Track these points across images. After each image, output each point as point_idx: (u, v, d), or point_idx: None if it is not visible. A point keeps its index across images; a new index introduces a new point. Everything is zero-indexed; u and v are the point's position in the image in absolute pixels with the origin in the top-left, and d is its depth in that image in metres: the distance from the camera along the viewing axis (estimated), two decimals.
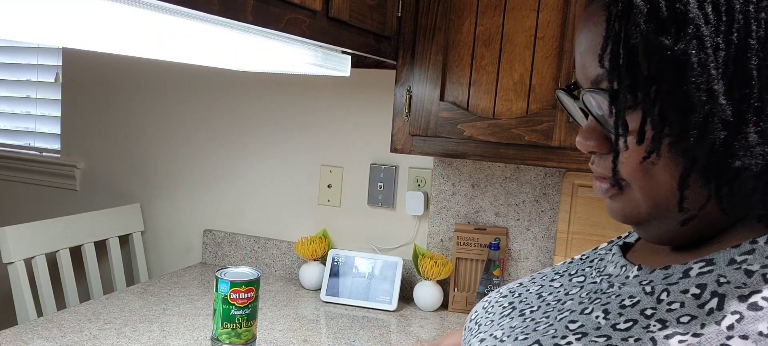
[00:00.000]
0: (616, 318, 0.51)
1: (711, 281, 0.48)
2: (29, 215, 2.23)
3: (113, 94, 2.16)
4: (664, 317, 0.48)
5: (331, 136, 1.90)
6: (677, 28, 0.45)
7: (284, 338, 1.45)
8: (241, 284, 1.12)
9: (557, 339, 0.53)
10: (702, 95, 0.45)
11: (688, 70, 0.45)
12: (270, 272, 1.97)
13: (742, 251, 0.48)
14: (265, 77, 1.94)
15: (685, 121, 0.46)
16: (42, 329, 1.41)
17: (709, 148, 0.46)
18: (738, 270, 0.47)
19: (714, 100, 0.45)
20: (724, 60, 0.45)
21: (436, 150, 1.45)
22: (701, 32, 0.44)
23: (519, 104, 1.37)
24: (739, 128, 0.45)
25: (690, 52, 0.45)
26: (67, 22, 0.77)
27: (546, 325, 0.56)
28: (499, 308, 0.66)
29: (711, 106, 0.45)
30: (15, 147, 2.37)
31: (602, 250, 0.68)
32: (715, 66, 0.44)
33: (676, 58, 0.45)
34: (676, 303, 0.48)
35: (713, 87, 0.45)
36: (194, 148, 2.06)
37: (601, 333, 0.50)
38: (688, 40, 0.45)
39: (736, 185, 0.47)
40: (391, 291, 1.70)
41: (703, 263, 0.50)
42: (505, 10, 1.37)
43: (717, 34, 0.45)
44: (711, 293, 0.47)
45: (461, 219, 1.76)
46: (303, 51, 1.17)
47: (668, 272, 0.52)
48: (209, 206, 2.06)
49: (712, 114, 0.45)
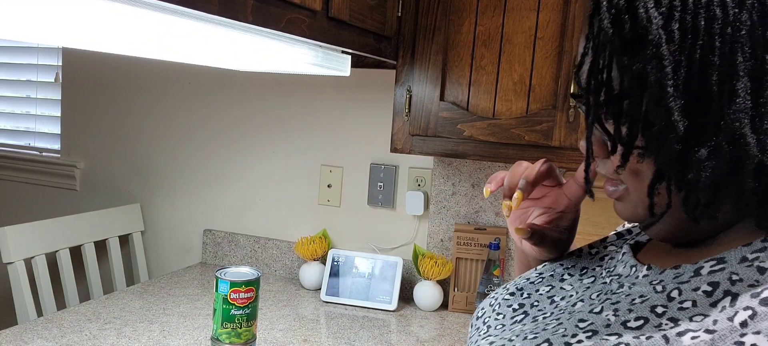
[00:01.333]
0: (626, 315, 0.51)
1: (723, 279, 0.48)
2: (29, 215, 2.23)
3: (113, 94, 2.16)
4: (676, 316, 0.48)
5: (331, 136, 1.90)
6: (637, 48, 0.48)
7: (284, 338, 1.45)
8: (241, 284, 1.12)
9: (567, 338, 0.53)
10: (659, 111, 0.47)
11: (647, 88, 0.48)
12: (270, 272, 1.97)
13: (753, 249, 0.49)
14: (265, 77, 1.94)
15: (647, 133, 0.49)
16: (42, 329, 1.41)
17: (667, 160, 0.49)
18: (750, 268, 0.48)
19: (669, 116, 0.47)
20: (684, 77, 0.47)
21: (436, 150, 1.45)
22: (660, 52, 0.47)
23: (519, 104, 1.37)
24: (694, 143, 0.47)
25: (647, 71, 0.47)
26: (67, 22, 0.77)
27: (556, 324, 0.57)
28: (510, 310, 0.66)
29: (666, 122, 0.47)
30: (15, 147, 2.37)
31: (612, 246, 0.69)
32: (674, 84, 0.47)
33: (636, 77, 0.48)
34: (688, 302, 0.49)
35: (669, 104, 0.47)
36: (194, 148, 2.06)
37: (611, 331, 0.51)
38: (647, 60, 0.47)
39: (697, 196, 0.49)
40: (391, 291, 1.70)
41: (714, 261, 0.50)
42: (505, 10, 1.37)
43: (681, 52, 0.46)
44: (724, 292, 0.48)
45: (461, 219, 1.76)
46: (303, 51, 1.17)
47: (679, 272, 0.52)
48: (209, 206, 2.06)
49: (668, 130, 0.47)
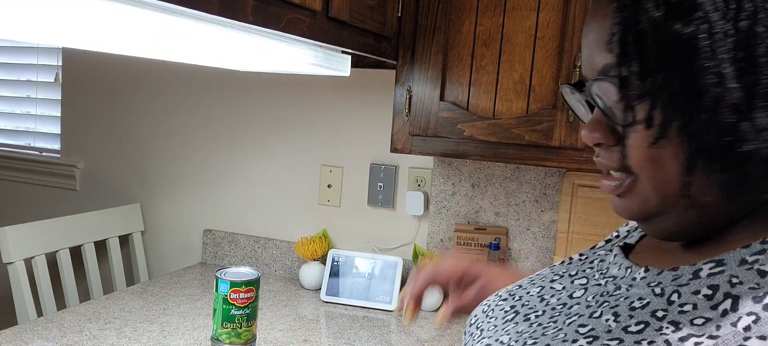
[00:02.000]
0: (626, 320, 0.51)
1: (723, 281, 0.48)
2: (29, 215, 2.22)
3: (113, 94, 2.16)
4: (677, 319, 0.48)
5: (331, 136, 1.90)
6: (687, 13, 0.46)
7: (284, 338, 1.45)
8: (241, 284, 1.12)
9: (568, 343, 0.52)
10: (712, 79, 0.45)
11: (698, 54, 0.45)
12: (270, 272, 1.97)
13: (752, 251, 0.48)
14: (265, 77, 1.94)
15: (694, 105, 0.46)
16: (42, 329, 1.41)
17: (717, 132, 0.46)
18: (750, 270, 0.47)
19: (723, 83, 0.45)
20: (733, 45, 0.45)
21: (436, 150, 1.45)
22: (710, 17, 0.45)
23: (519, 104, 1.37)
24: (749, 113, 0.45)
25: (699, 36, 0.45)
26: (67, 22, 0.77)
27: (555, 329, 0.56)
28: (501, 312, 0.66)
29: (720, 90, 0.45)
30: (15, 147, 2.37)
31: (601, 250, 0.68)
32: (725, 50, 0.45)
33: (685, 43, 0.46)
34: (689, 305, 0.48)
35: (723, 71, 0.45)
36: (194, 148, 2.06)
37: (612, 336, 0.50)
38: (697, 24, 0.45)
39: (744, 171, 0.47)
40: (391, 291, 1.70)
41: (712, 263, 0.50)
42: (505, 10, 1.37)
43: (725, 20, 0.45)
44: (724, 295, 0.47)
45: (461, 219, 1.76)
46: (303, 51, 1.17)
47: (677, 274, 0.52)
48: (209, 206, 2.06)
49: (722, 98, 0.45)
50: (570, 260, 0.70)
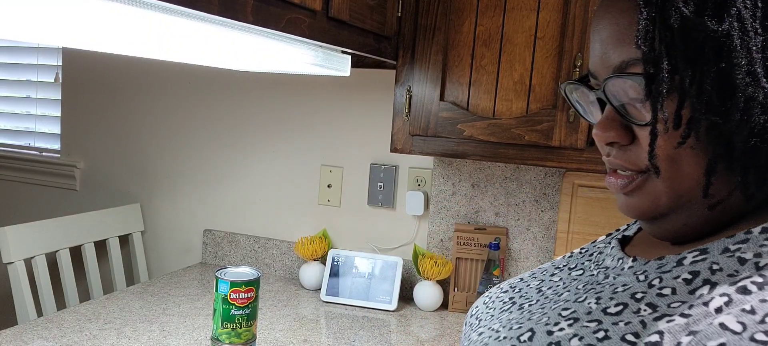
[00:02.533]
0: (607, 302, 0.52)
1: (704, 268, 0.49)
2: (29, 215, 2.23)
3: (113, 94, 2.16)
4: (655, 302, 0.48)
5: (331, 136, 1.90)
6: (720, 10, 0.45)
7: (284, 338, 1.45)
8: (241, 284, 1.12)
9: (550, 326, 0.53)
10: (745, 77, 0.45)
11: (731, 52, 0.45)
12: (270, 272, 1.97)
13: (736, 240, 0.49)
14: (265, 77, 1.94)
15: (726, 104, 0.46)
16: (42, 329, 1.41)
17: (748, 131, 0.46)
18: (731, 258, 0.48)
19: (756, 83, 0.45)
20: (762, 44, 0.45)
21: (436, 150, 1.45)
22: (743, 15, 0.45)
23: (519, 104, 1.37)
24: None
25: (733, 34, 0.45)
26: (67, 22, 0.77)
27: (541, 314, 0.57)
28: (500, 303, 0.67)
29: (753, 89, 0.45)
30: (15, 147, 2.37)
31: (601, 243, 0.69)
32: (757, 49, 0.45)
33: (718, 40, 0.45)
34: (668, 289, 0.49)
35: (756, 69, 0.45)
36: (194, 148, 2.06)
37: (592, 318, 0.51)
38: (731, 22, 0.45)
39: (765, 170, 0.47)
40: (391, 291, 1.70)
41: (697, 252, 0.50)
42: (505, 10, 1.37)
43: (754, 19, 0.45)
44: (703, 280, 0.48)
45: (461, 219, 1.76)
46: (303, 51, 1.17)
47: (662, 262, 0.52)
48: (209, 206, 2.06)
49: (754, 97, 0.45)
50: (571, 254, 0.71)
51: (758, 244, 0.47)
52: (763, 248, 0.47)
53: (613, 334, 0.48)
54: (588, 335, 0.49)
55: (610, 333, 0.48)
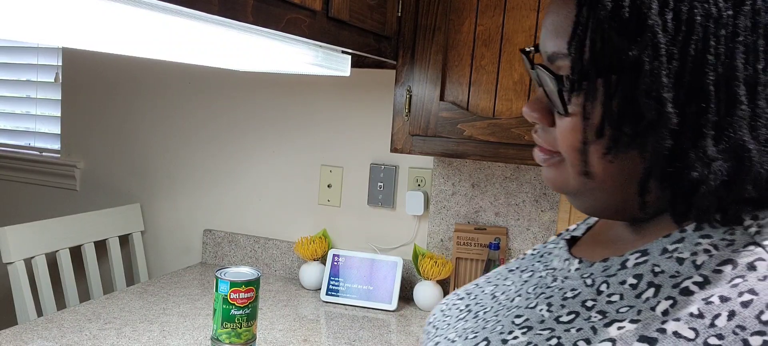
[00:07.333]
0: (559, 310, 0.53)
1: (646, 271, 0.50)
2: (29, 215, 2.22)
3: (113, 94, 2.16)
4: (605, 309, 0.50)
5: (331, 136, 1.90)
6: (635, 32, 0.46)
7: (284, 338, 1.45)
8: (241, 284, 1.12)
9: (504, 335, 0.54)
10: (651, 102, 0.46)
11: (640, 76, 0.46)
12: (270, 272, 1.97)
13: (672, 239, 0.50)
14: (265, 77, 1.94)
15: (636, 124, 0.47)
16: (42, 329, 1.41)
17: (659, 155, 0.47)
18: (670, 259, 0.49)
19: (662, 107, 0.45)
20: (677, 70, 0.45)
21: (436, 150, 1.45)
22: (658, 39, 0.45)
23: (519, 104, 1.37)
24: (697, 141, 0.46)
25: (644, 59, 0.45)
26: (67, 22, 0.77)
27: (495, 322, 0.58)
28: (456, 310, 0.67)
29: (658, 114, 0.46)
30: (15, 147, 2.37)
31: (551, 244, 0.70)
32: (668, 75, 0.45)
33: (630, 63, 0.46)
34: (616, 295, 0.50)
35: (663, 95, 0.45)
36: (194, 148, 2.06)
37: (545, 326, 0.52)
38: (643, 47, 0.45)
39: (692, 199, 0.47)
40: (391, 291, 1.70)
41: (638, 253, 0.52)
42: (505, 9, 1.37)
43: (673, 43, 0.45)
44: (647, 283, 0.49)
45: (461, 219, 1.76)
46: (303, 51, 1.17)
47: (607, 265, 0.54)
48: (209, 206, 2.06)
49: (660, 122, 0.46)
50: (523, 256, 0.72)
51: (693, 242, 0.49)
52: (699, 246, 0.48)
53: (566, 341, 0.49)
54: (541, 343, 0.50)
55: (563, 341, 0.49)
